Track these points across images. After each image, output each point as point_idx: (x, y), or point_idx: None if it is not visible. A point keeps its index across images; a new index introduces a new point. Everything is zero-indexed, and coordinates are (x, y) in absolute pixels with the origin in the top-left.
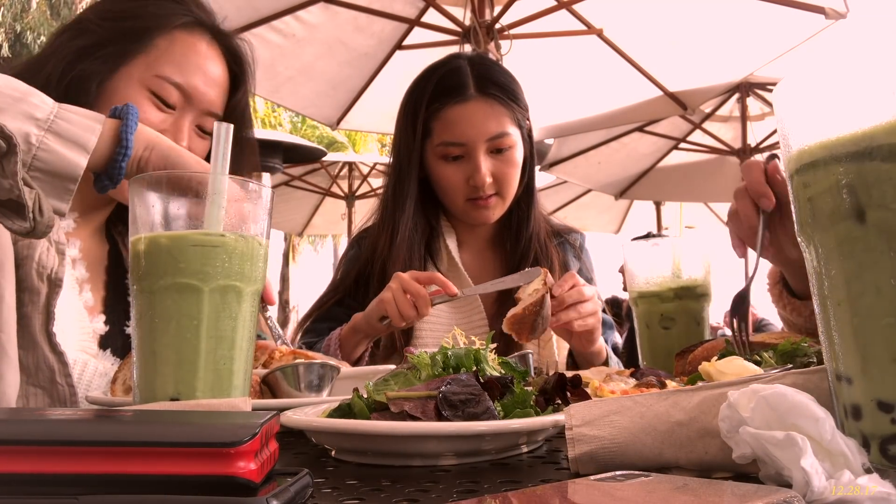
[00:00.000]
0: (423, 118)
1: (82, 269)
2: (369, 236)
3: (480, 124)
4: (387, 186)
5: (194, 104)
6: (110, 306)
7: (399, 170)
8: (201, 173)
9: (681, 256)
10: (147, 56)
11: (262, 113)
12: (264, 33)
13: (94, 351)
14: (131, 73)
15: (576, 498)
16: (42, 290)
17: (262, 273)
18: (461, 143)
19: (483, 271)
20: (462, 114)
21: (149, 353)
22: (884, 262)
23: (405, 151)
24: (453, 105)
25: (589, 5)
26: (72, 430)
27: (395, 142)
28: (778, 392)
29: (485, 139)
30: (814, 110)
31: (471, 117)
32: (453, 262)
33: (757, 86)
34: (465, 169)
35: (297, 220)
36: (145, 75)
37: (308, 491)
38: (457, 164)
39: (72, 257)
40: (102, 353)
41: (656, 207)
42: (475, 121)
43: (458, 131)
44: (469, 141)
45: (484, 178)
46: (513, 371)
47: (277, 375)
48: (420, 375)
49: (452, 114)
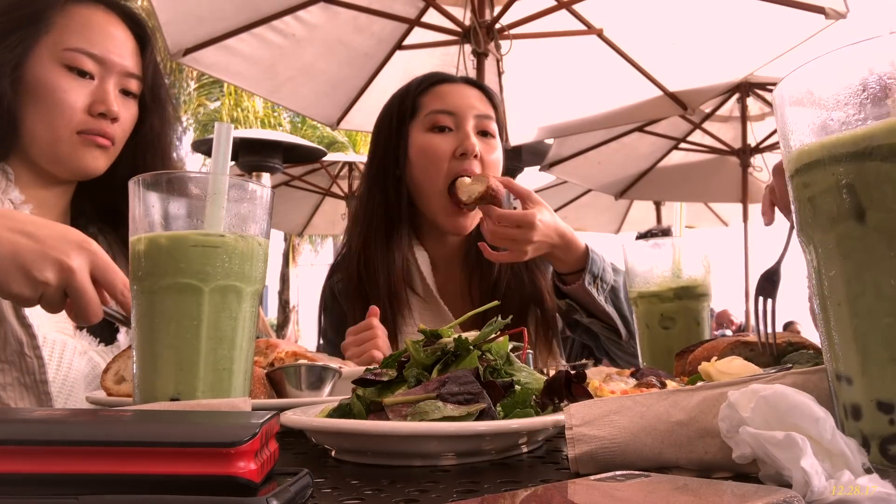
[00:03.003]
0: (411, 100)
1: None
2: (343, 279)
3: (469, 99)
4: (356, 217)
5: (110, 68)
6: None
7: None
8: (201, 174)
9: (681, 256)
10: (49, 35)
11: (262, 113)
12: (264, 33)
13: (72, 331)
14: (41, 54)
15: (576, 498)
16: None
17: (262, 273)
18: (451, 111)
19: (456, 295)
20: (454, 89)
21: (149, 353)
22: (884, 263)
23: (385, 134)
24: (444, 83)
25: (589, 5)
26: (72, 430)
27: (371, 158)
28: (778, 392)
29: (473, 114)
30: (814, 110)
31: (461, 92)
32: (428, 289)
33: (757, 86)
34: (453, 140)
35: (297, 220)
36: (54, 52)
37: (308, 491)
38: (444, 135)
39: None
40: (80, 332)
41: (656, 207)
42: (465, 96)
43: (448, 101)
44: (459, 111)
45: (473, 145)
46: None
47: (281, 374)
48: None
49: (444, 88)
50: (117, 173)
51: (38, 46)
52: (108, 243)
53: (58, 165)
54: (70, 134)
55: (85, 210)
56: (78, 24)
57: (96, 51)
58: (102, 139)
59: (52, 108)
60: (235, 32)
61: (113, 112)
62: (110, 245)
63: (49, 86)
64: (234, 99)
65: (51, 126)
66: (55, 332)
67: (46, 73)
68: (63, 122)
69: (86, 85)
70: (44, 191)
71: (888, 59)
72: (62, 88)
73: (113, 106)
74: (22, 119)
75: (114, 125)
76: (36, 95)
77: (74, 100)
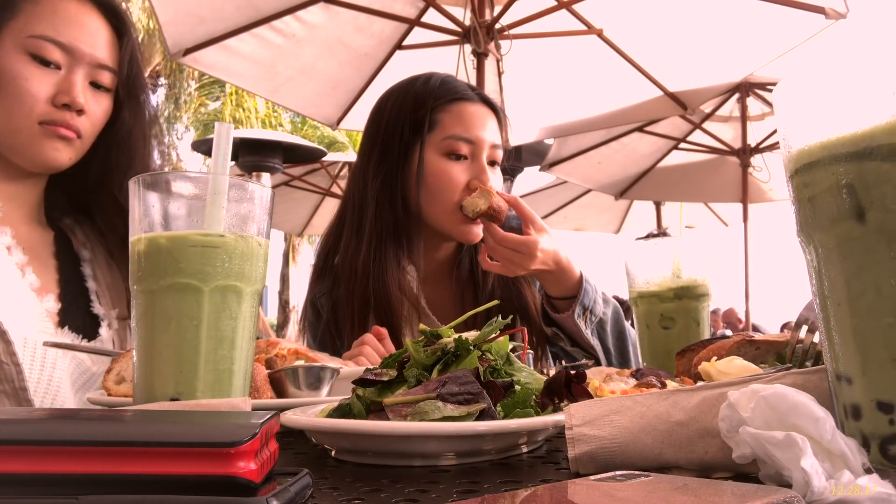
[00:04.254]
0: (427, 113)
1: (19, 253)
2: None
3: (487, 127)
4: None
5: (78, 58)
6: (63, 287)
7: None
8: (201, 174)
9: (681, 256)
10: (16, 21)
11: (263, 113)
12: (264, 33)
13: (52, 330)
14: (4, 42)
15: (576, 498)
16: None
17: (262, 273)
18: (471, 140)
19: (444, 304)
20: (472, 111)
21: (149, 353)
22: (884, 262)
23: (395, 143)
24: (463, 101)
25: (589, 5)
26: (72, 430)
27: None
28: (778, 392)
29: (489, 144)
30: (814, 110)
31: (480, 117)
32: (419, 304)
33: (757, 86)
34: (468, 170)
35: (297, 220)
36: (19, 39)
37: (308, 491)
38: (460, 163)
39: (5, 245)
40: (61, 330)
41: (656, 207)
42: (483, 122)
43: (469, 128)
44: (477, 140)
45: (488, 179)
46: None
47: (281, 375)
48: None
49: (463, 108)
50: (91, 168)
51: (2, 34)
52: (86, 234)
53: (19, 156)
54: (31, 124)
55: (58, 202)
56: (47, 11)
57: (63, 39)
58: (65, 130)
59: (13, 97)
60: (235, 32)
61: (78, 104)
62: (87, 236)
63: (10, 74)
64: (236, 99)
65: (11, 115)
66: (36, 331)
67: (8, 60)
68: (23, 111)
69: (50, 74)
70: (12, 185)
71: (888, 59)
72: (23, 76)
73: (78, 97)
74: None
75: (80, 118)
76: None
77: (37, 89)
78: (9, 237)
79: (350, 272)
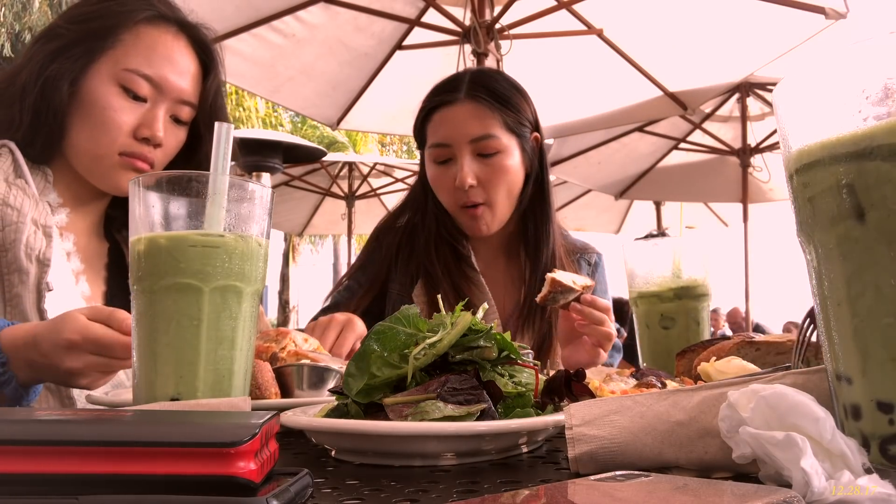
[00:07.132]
0: (419, 127)
1: (77, 261)
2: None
3: (463, 125)
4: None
5: (165, 94)
6: (111, 300)
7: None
8: (201, 174)
9: (681, 256)
10: (114, 52)
11: (263, 113)
12: (264, 33)
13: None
14: (100, 70)
15: (576, 498)
16: (31, 270)
17: (262, 273)
18: (446, 144)
19: (496, 281)
20: (447, 115)
21: (149, 353)
22: (884, 262)
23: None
24: (442, 108)
25: (589, 5)
26: (72, 430)
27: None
28: (778, 392)
29: (468, 140)
30: (814, 110)
31: (454, 118)
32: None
33: (757, 86)
34: (452, 172)
35: (297, 220)
36: (114, 70)
37: (308, 491)
38: (445, 167)
39: (66, 251)
40: None
41: (656, 207)
42: (458, 122)
43: (442, 132)
44: (453, 142)
45: (465, 178)
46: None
47: (289, 371)
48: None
49: (439, 116)
50: None
51: (99, 61)
52: None
53: (95, 179)
54: (112, 153)
55: (118, 218)
56: (143, 45)
57: (154, 74)
58: (141, 163)
59: (100, 126)
60: (235, 32)
61: (157, 139)
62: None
63: (101, 103)
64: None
65: (95, 143)
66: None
67: (101, 88)
68: (107, 140)
69: (137, 108)
70: (81, 198)
71: (888, 59)
72: (113, 108)
73: (158, 133)
74: (69, 129)
75: (156, 150)
76: (87, 109)
77: (123, 121)
78: (71, 244)
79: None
